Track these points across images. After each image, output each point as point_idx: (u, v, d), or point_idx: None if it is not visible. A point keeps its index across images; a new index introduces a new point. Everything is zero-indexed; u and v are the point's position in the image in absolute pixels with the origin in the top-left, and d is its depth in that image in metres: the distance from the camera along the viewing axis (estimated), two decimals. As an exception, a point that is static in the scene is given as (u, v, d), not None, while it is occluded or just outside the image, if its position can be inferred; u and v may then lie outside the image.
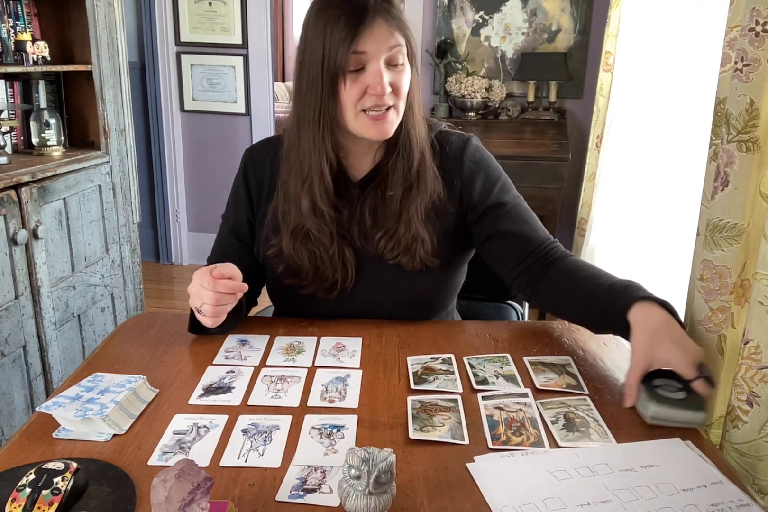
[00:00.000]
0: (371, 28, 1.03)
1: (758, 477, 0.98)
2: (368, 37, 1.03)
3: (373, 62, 1.04)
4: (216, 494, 0.74)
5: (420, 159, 1.15)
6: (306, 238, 1.15)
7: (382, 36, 1.04)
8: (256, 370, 1.04)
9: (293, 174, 1.14)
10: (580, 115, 3.29)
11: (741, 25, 0.98)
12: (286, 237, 1.16)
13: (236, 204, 1.26)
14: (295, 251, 1.15)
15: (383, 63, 1.05)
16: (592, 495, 0.75)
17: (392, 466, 0.70)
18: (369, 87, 1.05)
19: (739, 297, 1.04)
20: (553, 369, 1.05)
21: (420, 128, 1.15)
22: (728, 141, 1.00)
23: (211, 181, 3.72)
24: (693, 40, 2.02)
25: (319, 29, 1.04)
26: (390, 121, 1.09)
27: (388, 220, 1.15)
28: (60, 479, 0.71)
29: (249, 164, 1.26)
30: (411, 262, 1.15)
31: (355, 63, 1.04)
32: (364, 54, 1.04)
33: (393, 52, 1.05)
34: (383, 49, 1.04)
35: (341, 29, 1.02)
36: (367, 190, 1.17)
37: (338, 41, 1.02)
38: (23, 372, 1.90)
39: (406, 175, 1.14)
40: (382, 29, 1.04)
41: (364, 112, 1.07)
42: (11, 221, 1.81)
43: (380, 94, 1.05)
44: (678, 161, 2.08)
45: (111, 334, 1.19)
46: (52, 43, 2.19)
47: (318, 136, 1.09)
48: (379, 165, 1.18)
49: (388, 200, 1.15)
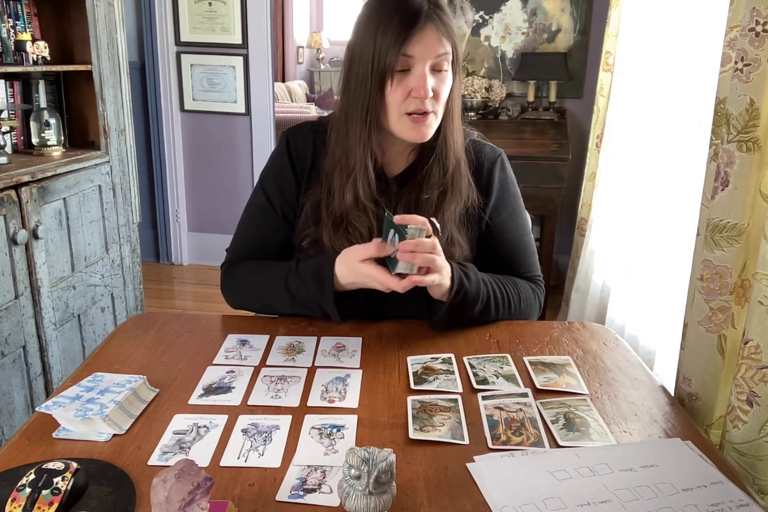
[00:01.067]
0: (422, 32, 1.06)
1: (758, 477, 0.98)
2: (418, 41, 1.06)
3: (419, 66, 1.07)
4: (216, 494, 0.75)
5: (455, 165, 1.18)
6: (346, 230, 1.17)
7: (431, 42, 1.07)
8: (256, 370, 1.04)
9: (338, 168, 1.17)
10: (580, 115, 3.29)
11: (741, 25, 0.98)
12: (328, 227, 1.17)
13: (281, 184, 1.25)
14: (335, 241, 1.17)
15: (428, 68, 1.08)
16: (592, 495, 0.75)
17: (392, 466, 0.70)
18: (413, 90, 1.08)
19: (739, 297, 1.04)
20: (553, 369, 1.05)
21: (457, 135, 1.18)
22: (728, 141, 1.00)
23: (211, 181, 3.72)
24: (693, 40, 2.02)
25: (372, 29, 1.07)
26: (429, 124, 1.12)
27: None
28: (60, 479, 0.71)
29: (292, 145, 1.25)
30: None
31: (402, 64, 1.07)
32: (412, 58, 1.07)
33: (439, 58, 1.09)
34: (430, 54, 1.07)
35: (393, 31, 1.05)
36: (403, 188, 1.20)
37: (389, 42, 1.05)
38: (23, 372, 1.90)
39: (440, 179, 1.17)
40: (431, 35, 1.07)
41: (407, 115, 1.10)
42: (11, 221, 1.81)
43: (422, 97, 1.08)
44: (678, 161, 2.08)
45: (111, 334, 1.19)
46: (52, 43, 2.19)
47: (365, 131, 1.13)
48: (412, 165, 1.21)
49: (423, 203, 1.17)
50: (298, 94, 7.15)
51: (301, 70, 8.03)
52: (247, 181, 3.67)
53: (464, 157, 1.20)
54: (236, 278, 1.26)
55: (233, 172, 3.69)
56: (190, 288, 3.56)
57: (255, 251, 1.26)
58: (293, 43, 7.63)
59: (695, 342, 1.09)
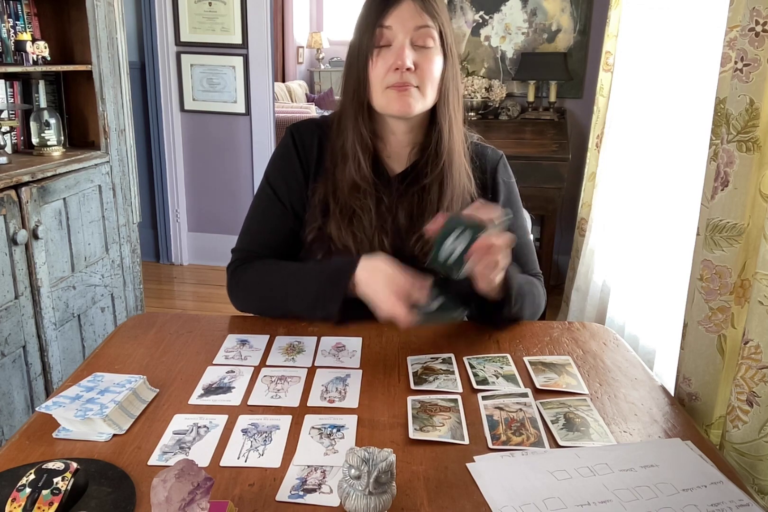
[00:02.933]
0: (399, 5, 1.09)
1: (758, 477, 0.98)
2: (395, 13, 1.09)
3: (398, 38, 1.09)
4: (216, 494, 0.74)
5: (450, 153, 1.17)
6: (350, 221, 1.17)
7: (409, 13, 1.09)
8: (256, 370, 1.04)
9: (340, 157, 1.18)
10: (580, 115, 3.30)
11: (741, 25, 0.98)
12: (336, 219, 1.17)
13: (288, 177, 1.24)
14: (342, 232, 1.17)
15: (408, 41, 1.09)
16: (592, 495, 0.75)
17: (392, 466, 0.70)
18: (392, 62, 1.09)
19: (739, 297, 1.04)
20: (553, 369, 1.05)
21: (455, 126, 1.18)
22: (728, 141, 1.00)
23: (211, 181, 3.72)
24: (693, 40, 2.02)
25: (361, 13, 1.12)
26: (411, 95, 1.11)
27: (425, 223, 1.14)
28: (60, 479, 0.71)
29: (298, 139, 1.24)
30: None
31: (381, 38, 1.10)
32: (390, 29, 1.09)
33: (420, 32, 1.09)
34: (409, 27, 1.09)
35: (374, 8, 1.10)
36: (405, 186, 1.20)
37: (369, 18, 1.10)
38: (23, 372, 1.90)
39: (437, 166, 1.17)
40: (409, 8, 1.09)
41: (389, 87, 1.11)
42: (11, 221, 1.81)
43: (401, 67, 1.08)
44: (678, 161, 2.08)
45: (111, 334, 1.19)
46: (52, 43, 2.19)
47: (355, 114, 1.15)
48: (415, 163, 1.21)
49: (425, 202, 1.18)
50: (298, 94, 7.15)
51: (301, 70, 8.03)
52: (247, 181, 3.67)
53: (462, 150, 1.20)
54: (245, 278, 1.22)
55: (233, 172, 3.69)
56: (190, 288, 3.56)
57: (264, 247, 1.23)
58: (293, 43, 7.63)
59: (695, 342, 1.09)
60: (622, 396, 0.98)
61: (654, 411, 0.95)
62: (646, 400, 0.98)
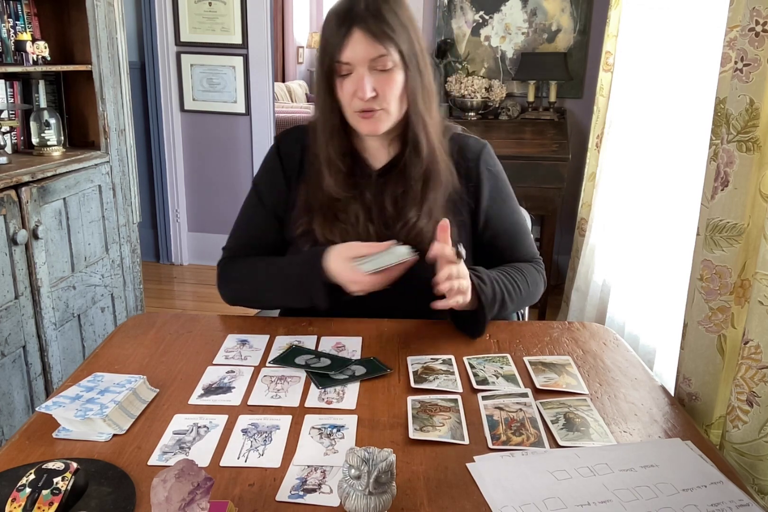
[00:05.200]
0: (352, 39, 1.11)
1: (758, 477, 0.98)
2: (349, 48, 1.11)
3: (358, 69, 1.13)
4: (216, 494, 0.75)
5: (431, 153, 1.21)
6: (335, 218, 1.22)
7: (362, 47, 1.11)
8: (256, 370, 1.04)
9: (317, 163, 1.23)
10: (580, 115, 3.29)
11: (741, 25, 0.98)
12: (319, 217, 1.22)
13: (272, 185, 1.31)
14: (327, 225, 1.21)
15: (367, 70, 1.13)
16: (592, 495, 0.75)
17: (392, 466, 0.70)
18: (356, 91, 1.13)
19: (739, 297, 1.04)
20: (553, 369, 1.05)
21: (429, 126, 1.21)
22: (728, 141, 1.00)
23: (211, 181, 3.72)
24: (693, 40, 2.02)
25: (323, 35, 1.15)
26: (378, 118, 1.17)
27: (410, 212, 1.21)
28: (60, 479, 0.71)
29: (282, 147, 1.32)
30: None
31: (342, 70, 1.14)
32: (348, 64, 1.12)
33: (377, 60, 1.12)
34: (363, 59, 1.12)
35: (332, 37, 1.12)
36: (387, 181, 1.24)
37: (328, 48, 1.13)
38: (23, 372, 1.90)
39: (420, 167, 1.21)
40: (362, 41, 1.11)
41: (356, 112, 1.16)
42: (11, 221, 1.81)
43: (362, 99, 1.13)
44: (678, 161, 2.08)
45: (111, 334, 1.19)
46: (52, 43, 2.19)
47: (327, 130, 1.20)
48: (395, 158, 1.25)
49: (409, 191, 1.22)
50: (298, 94, 7.14)
51: (301, 70, 8.02)
52: (247, 180, 3.67)
53: (442, 147, 1.23)
54: (232, 272, 1.30)
55: (233, 172, 3.68)
56: (190, 288, 3.56)
57: (249, 248, 1.31)
58: (293, 43, 7.63)
59: (695, 342, 1.09)
60: (622, 396, 0.98)
61: (654, 411, 0.95)
62: (646, 400, 0.98)
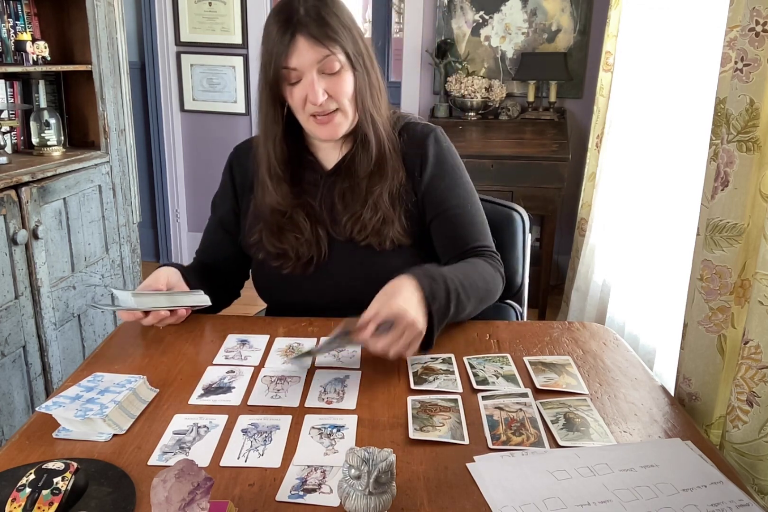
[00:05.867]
0: (295, 45, 1.10)
1: (758, 477, 0.98)
2: (295, 54, 1.10)
3: (306, 75, 1.12)
4: (216, 494, 0.74)
5: (380, 150, 1.22)
6: (282, 229, 1.24)
7: (306, 52, 1.11)
8: (256, 370, 1.04)
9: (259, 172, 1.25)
10: (580, 115, 3.29)
11: (741, 25, 0.98)
12: (266, 230, 1.25)
13: (223, 197, 1.36)
14: (274, 237, 1.24)
15: (316, 73, 1.12)
16: (592, 495, 0.75)
17: (392, 466, 0.70)
18: (307, 95, 1.13)
19: (739, 297, 1.04)
20: (553, 369, 1.05)
21: (378, 123, 1.21)
22: (728, 141, 1.00)
23: (211, 181, 3.69)
24: (693, 40, 2.02)
25: (264, 41, 1.14)
26: (336, 123, 1.18)
27: (355, 205, 1.23)
28: (60, 479, 0.71)
29: (234, 160, 1.35)
30: (382, 243, 1.21)
31: (290, 77, 1.13)
32: (296, 70, 1.11)
33: (323, 62, 1.11)
34: (310, 63, 1.11)
35: (274, 45, 1.11)
36: (335, 179, 1.26)
37: (272, 56, 1.12)
38: (23, 372, 1.90)
39: (367, 164, 1.22)
40: (305, 45, 1.10)
41: (313, 116, 1.16)
42: (11, 221, 1.81)
43: (314, 103, 1.13)
44: (678, 161, 2.08)
45: (111, 334, 1.19)
46: (52, 43, 2.19)
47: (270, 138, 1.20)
48: (345, 156, 1.26)
49: (355, 187, 1.23)
50: (298, 94, 7.14)
51: (301, 70, 8.02)
52: (247, 181, 3.67)
53: (390, 142, 1.23)
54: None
55: (233, 172, 3.68)
56: (190, 288, 3.55)
57: (207, 255, 1.40)
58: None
59: (695, 342, 1.09)
60: (622, 396, 0.98)
61: (654, 411, 0.95)
62: (646, 400, 0.98)
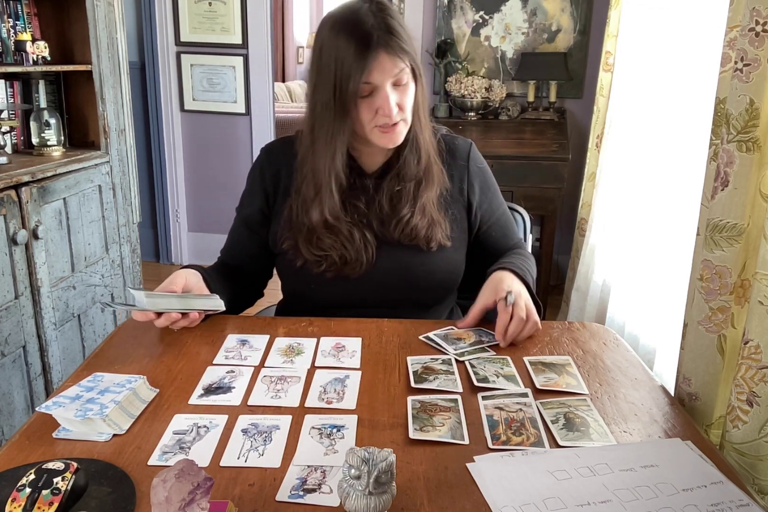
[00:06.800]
0: (377, 60, 1.12)
1: (758, 477, 0.98)
2: (374, 69, 1.13)
3: (382, 88, 1.15)
4: (216, 494, 0.75)
5: (427, 156, 1.27)
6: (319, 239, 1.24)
7: (387, 66, 1.14)
8: (256, 370, 1.04)
9: (306, 185, 1.24)
10: (580, 115, 3.29)
11: (741, 25, 0.98)
12: (302, 238, 1.25)
13: (251, 196, 1.35)
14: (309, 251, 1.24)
15: (390, 87, 1.15)
16: (592, 495, 0.75)
17: (392, 466, 0.70)
18: (379, 109, 1.16)
19: (739, 297, 1.04)
20: (553, 369, 1.05)
21: (426, 130, 1.27)
22: (728, 141, 1.00)
23: (211, 181, 3.72)
24: (693, 40, 2.02)
25: (332, 56, 1.14)
26: (399, 132, 1.21)
27: (404, 209, 1.26)
28: (60, 479, 0.71)
29: (265, 159, 1.35)
30: (428, 245, 1.27)
31: (366, 90, 1.15)
32: (370, 83, 1.14)
33: (397, 76, 1.15)
34: (389, 77, 1.15)
35: (351, 61, 1.12)
36: (383, 181, 1.28)
37: (349, 71, 1.12)
38: (23, 372, 1.90)
39: (416, 169, 1.26)
40: (386, 61, 1.13)
41: (377, 127, 1.18)
42: (11, 221, 1.81)
43: (389, 116, 1.16)
44: (678, 161, 2.08)
45: (111, 334, 1.19)
46: (52, 43, 2.19)
47: (329, 154, 1.19)
48: (390, 159, 1.29)
49: (403, 191, 1.26)
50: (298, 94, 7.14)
51: (301, 70, 8.01)
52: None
53: (434, 149, 1.29)
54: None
55: (233, 172, 3.68)
56: (190, 288, 3.55)
57: (230, 255, 1.39)
58: (293, 43, 7.62)
59: (695, 342, 1.09)
60: (622, 396, 0.98)
61: (654, 411, 0.95)
62: (646, 400, 0.98)
